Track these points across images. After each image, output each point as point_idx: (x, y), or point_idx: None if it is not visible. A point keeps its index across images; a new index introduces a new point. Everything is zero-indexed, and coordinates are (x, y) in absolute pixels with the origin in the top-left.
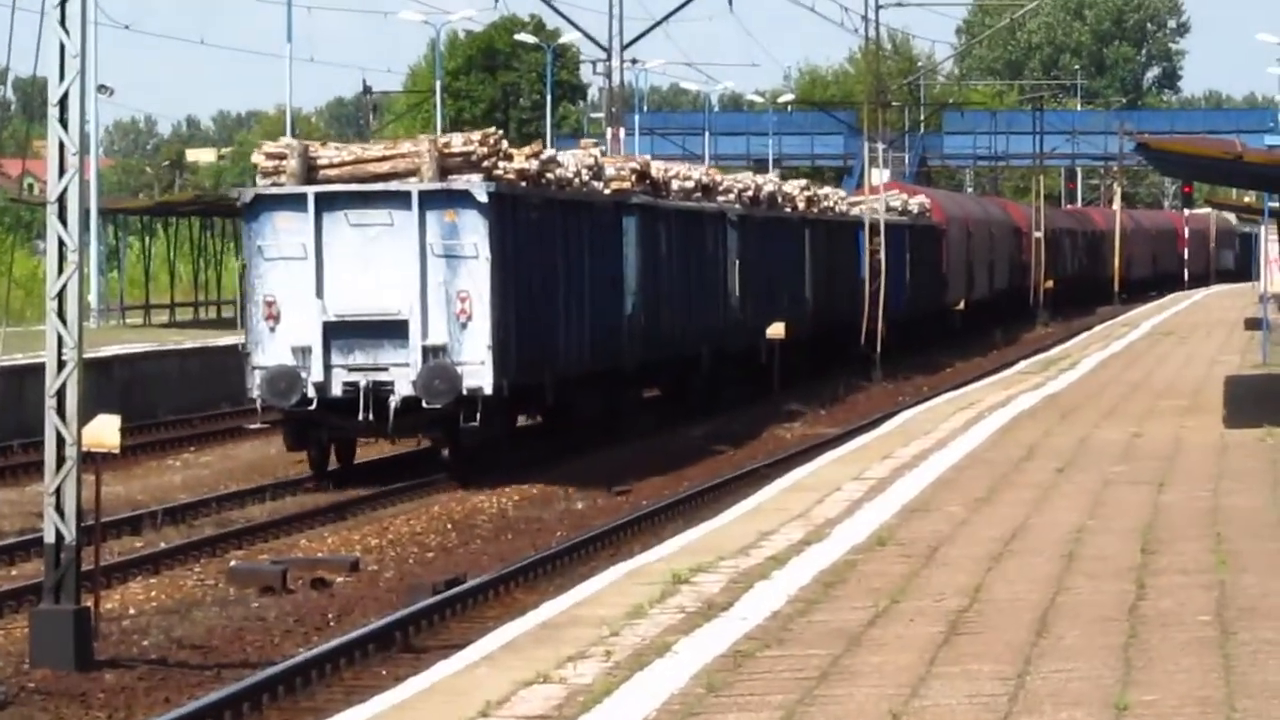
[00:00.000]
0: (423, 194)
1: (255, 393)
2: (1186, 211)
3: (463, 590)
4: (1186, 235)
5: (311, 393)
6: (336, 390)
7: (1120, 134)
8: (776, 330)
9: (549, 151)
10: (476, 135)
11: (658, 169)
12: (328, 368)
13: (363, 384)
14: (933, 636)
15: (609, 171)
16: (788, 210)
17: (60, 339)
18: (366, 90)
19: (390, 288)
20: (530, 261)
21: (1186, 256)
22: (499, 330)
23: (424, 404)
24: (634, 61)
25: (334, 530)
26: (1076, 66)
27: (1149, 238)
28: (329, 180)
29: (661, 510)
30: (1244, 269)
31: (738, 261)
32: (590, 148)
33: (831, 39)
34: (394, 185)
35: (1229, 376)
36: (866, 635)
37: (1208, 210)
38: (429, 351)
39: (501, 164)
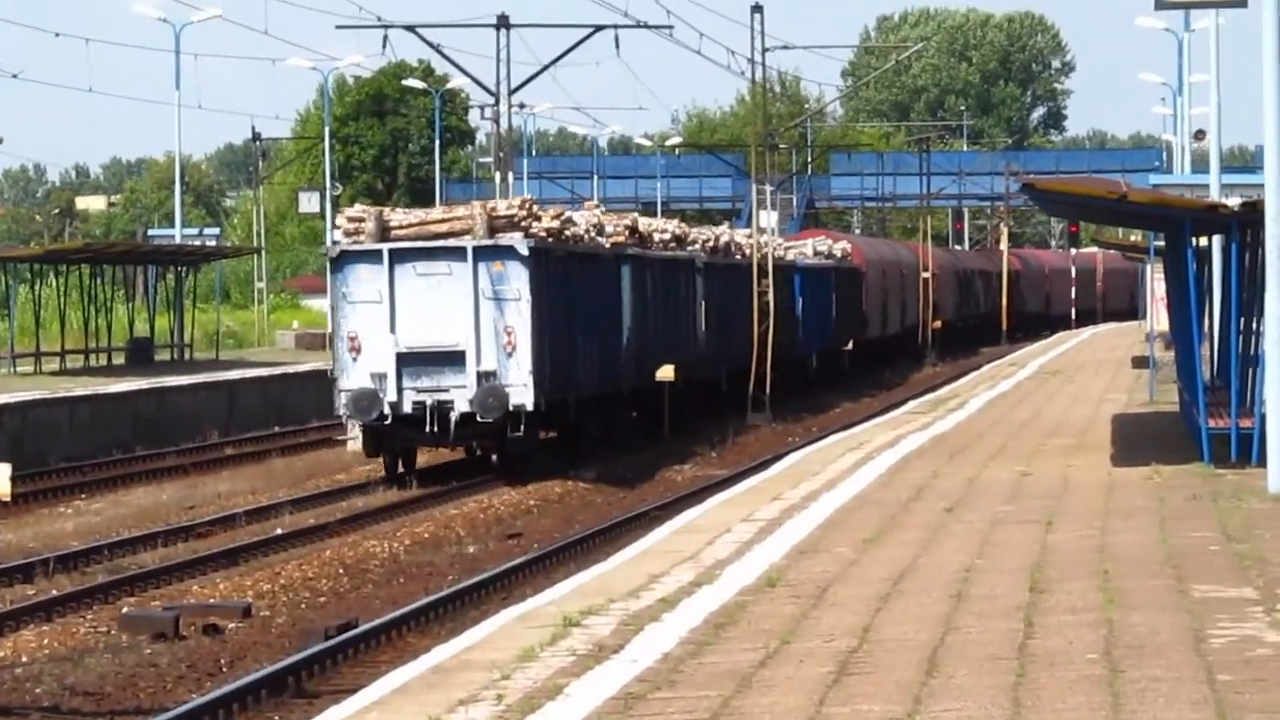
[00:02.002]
0: (476, 249)
1: (341, 410)
2: (1073, 251)
3: (354, 635)
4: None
5: (387, 410)
6: (407, 408)
7: (1006, 174)
8: (665, 373)
9: (568, 213)
10: (516, 201)
11: (643, 224)
12: (400, 389)
13: (429, 402)
14: (823, 677)
15: (608, 228)
16: (738, 257)
17: None
18: (256, 136)
19: (450, 324)
20: (557, 302)
21: (1075, 295)
22: (537, 358)
23: (479, 419)
24: (522, 106)
25: (226, 576)
26: (963, 107)
27: (1066, 276)
28: (399, 238)
29: (553, 553)
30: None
31: (703, 302)
32: (593, 208)
33: (719, 82)
34: (452, 242)
35: (1116, 415)
36: (757, 676)
37: (1094, 249)
38: (482, 376)
39: (534, 224)
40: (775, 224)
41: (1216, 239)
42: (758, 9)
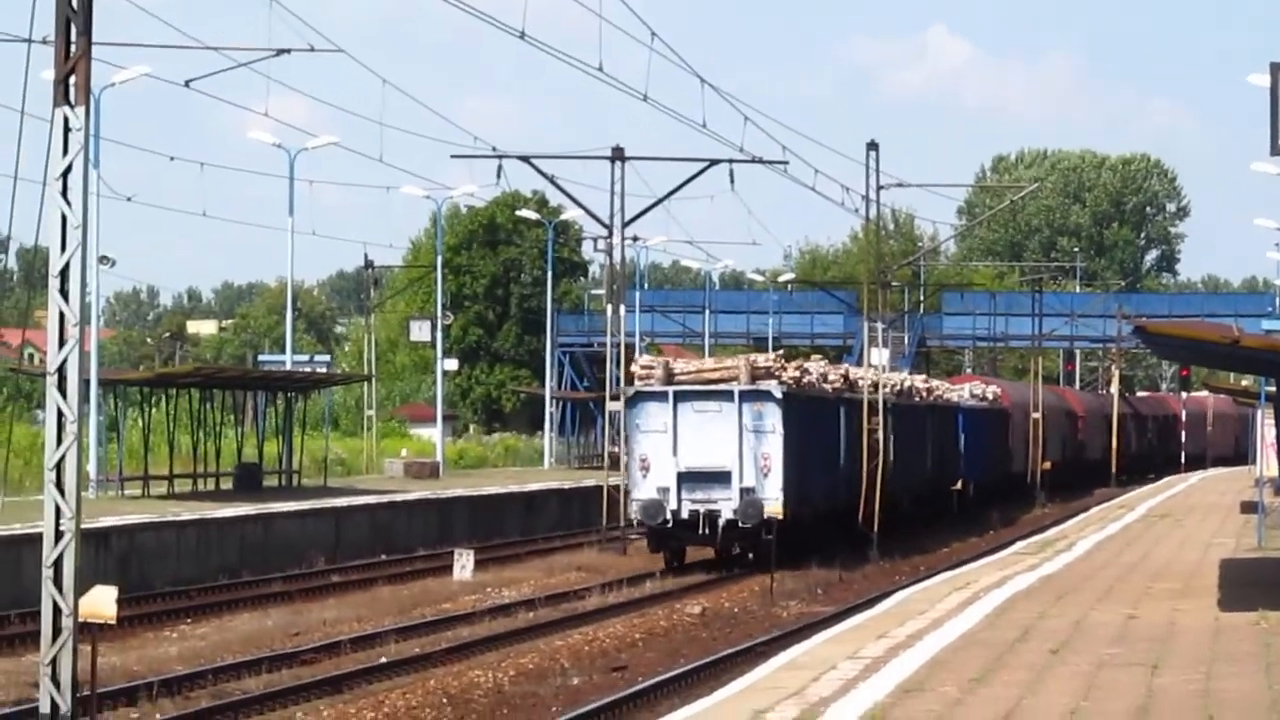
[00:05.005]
0: (741, 392)
1: (634, 516)
2: (1184, 395)
3: None
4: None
5: (669, 516)
6: (685, 515)
7: (1118, 317)
8: (775, 509)
9: (806, 364)
10: (772, 355)
11: (853, 373)
12: (679, 500)
13: (702, 511)
14: None
15: (831, 376)
16: (916, 399)
17: (58, 509)
18: (368, 264)
19: (720, 450)
20: (799, 434)
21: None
22: (787, 478)
23: (740, 525)
24: (635, 239)
25: (330, 703)
26: (1076, 249)
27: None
28: (681, 383)
29: (657, 687)
30: None
31: (893, 436)
32: (818, 360)
33: (833, 218)
34: (722, 386)
35: (1224, 559)
36: None
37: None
38: (744, 491)
39: (784, 373)
40: (886, 361)
41: None
42: (873, 146)
